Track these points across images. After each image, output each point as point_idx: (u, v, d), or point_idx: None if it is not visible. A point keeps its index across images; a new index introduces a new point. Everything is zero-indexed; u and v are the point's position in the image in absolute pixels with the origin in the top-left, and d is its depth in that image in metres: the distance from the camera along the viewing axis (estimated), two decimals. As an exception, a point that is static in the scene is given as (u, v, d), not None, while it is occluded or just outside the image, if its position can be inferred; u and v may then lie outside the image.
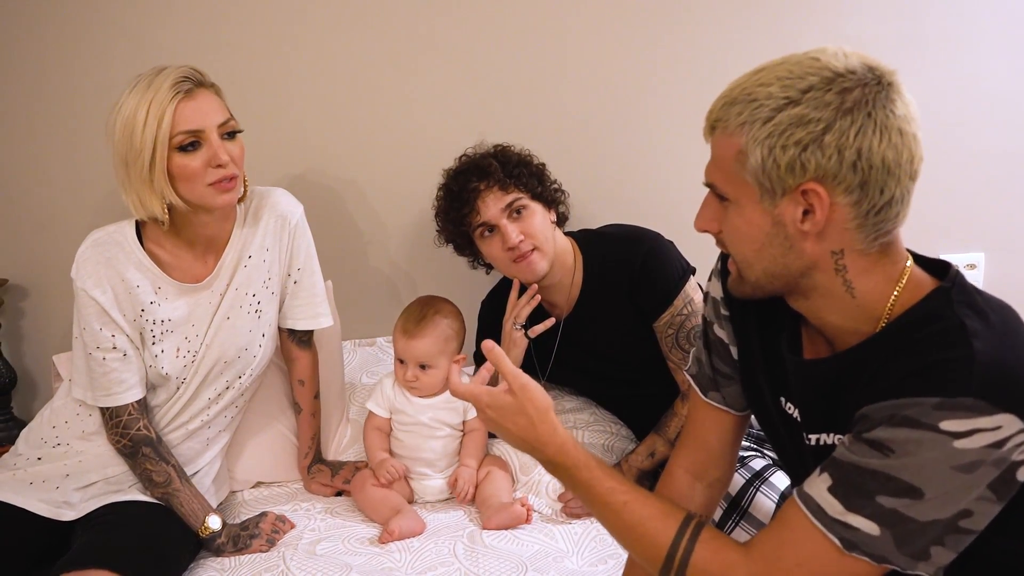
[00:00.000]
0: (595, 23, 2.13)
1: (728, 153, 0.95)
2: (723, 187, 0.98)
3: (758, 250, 0.98)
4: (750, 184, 0.94)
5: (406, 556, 1.57)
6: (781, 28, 2.10)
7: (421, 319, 1.76)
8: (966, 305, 0.93)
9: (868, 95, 0.90)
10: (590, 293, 1.82)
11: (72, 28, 2.09)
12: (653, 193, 2.19)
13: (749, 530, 1.54)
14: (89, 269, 1.55)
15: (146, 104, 1.45)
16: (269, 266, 1.68)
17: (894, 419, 0.88)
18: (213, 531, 1.60)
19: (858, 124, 0.89)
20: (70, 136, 2.14)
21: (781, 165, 0.91)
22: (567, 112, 2.17)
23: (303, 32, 2.12)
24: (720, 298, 1.18)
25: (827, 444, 1.01)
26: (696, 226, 1.04)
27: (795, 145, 0.90)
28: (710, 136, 0.99)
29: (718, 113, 0.97)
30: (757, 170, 0.93)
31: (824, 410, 1.01)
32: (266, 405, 1.88)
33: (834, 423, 1.00)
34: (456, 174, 1.80)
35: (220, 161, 1.49)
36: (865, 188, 0.91)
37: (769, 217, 0.95)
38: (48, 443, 1.64)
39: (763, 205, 0.95)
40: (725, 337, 1.19)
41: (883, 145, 0.90)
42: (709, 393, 1.24)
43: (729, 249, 1.03)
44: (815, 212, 0.92)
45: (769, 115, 0.91)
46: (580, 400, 2.00)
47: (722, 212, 1.00)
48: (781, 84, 0.91)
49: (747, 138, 0.92)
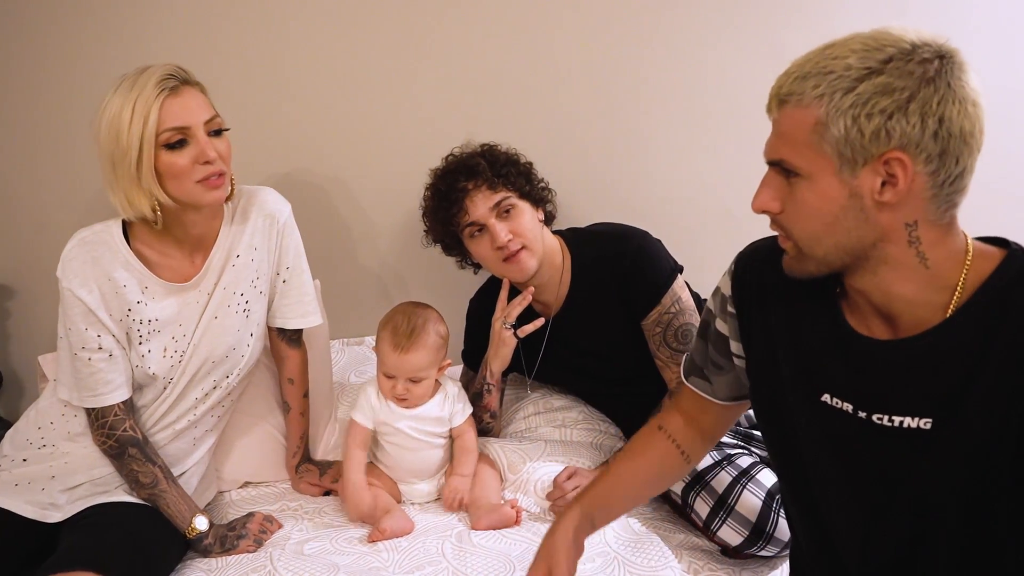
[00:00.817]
0: (583, 22, 2.13)
1: (803, 125, 0.95)
2: (795, 161, 0.97)
3: (830, 224, 0.98)
4: (828, 156, 0.94)
5: (394, 556, 1.56)
6: (769, 27, 2.10)
7: (411, 332, 1.70)
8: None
9: (946, 66, 0.92)
10: (578, 291, 1.83)
11: (63, 29, 2.08)
12: (641, 192, 2.20)
13: (736, 528, 1.55)
14: (75, 268, 1.54)
15: (131, 103, 1.44)
16: (257, 265, 1.67)
17: None
18: (200, 532, 1.60)
19: (940, 93, 0.91)
20: (59, 137, 2.13)
21: (866, 134, 0.92)
22: (554, 111, 2.17)
23: (292, 31, 2.12)
24: (729, 296, 1.20)
25: (911, 427, 0.99)
26: (755, 206, 1.03)
27: (880, 113, 0.91)
28: (778, 111, 0.98)
29: (790, 87, 0.96)
30: (839, 140, 0.93)
31: (905, 392, 1.00)
32: (254, 405, 1.87)
33: (921, 405, 0.99)
34: (444, 174, 1.80)
35: (208, 157, 1.48)
36: (944, 158, 0.93)
37: (847, 189, 0.95)
38: (34, 444, 1.63)
39: (841, 176, 0.95)
40: (727, 332, 1.21)
41: (961, 115, 0.92)
42: (691, 378, 1.29)
43: (791, 227, 1.02)
44: (897, 181, 0.93)
45: (851, 85, 0.92)
46: (568, 398, 2.01)
47: (786, 190, 1.00)
48: (859, 56, 0.93)
49: (827, 108, 0.93)
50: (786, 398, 1.12)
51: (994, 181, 2.17)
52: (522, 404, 2.03)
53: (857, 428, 1.04)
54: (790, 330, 1.11)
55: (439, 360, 1.74)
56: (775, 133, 1.00)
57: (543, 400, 2.01)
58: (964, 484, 0.98)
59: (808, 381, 1.09)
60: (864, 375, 1.04)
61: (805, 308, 1.10)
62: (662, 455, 1.30)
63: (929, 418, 0.98)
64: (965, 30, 2.11)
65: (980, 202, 2.15)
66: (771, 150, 1.00)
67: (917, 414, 0.99)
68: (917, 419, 0.99)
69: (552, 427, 1.94)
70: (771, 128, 1.01)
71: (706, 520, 1.61)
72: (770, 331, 1.14)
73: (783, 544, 1.55)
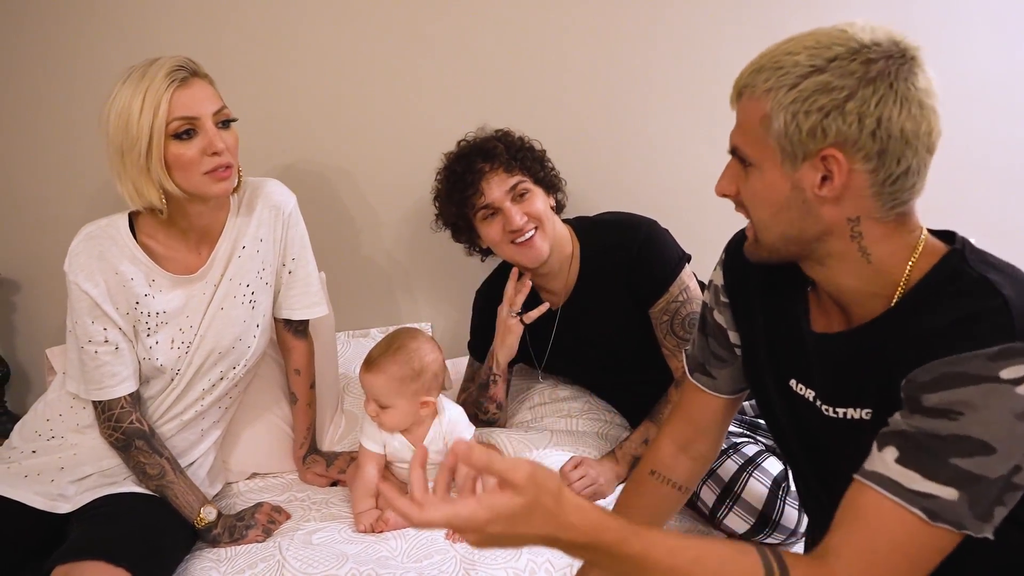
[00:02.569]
0: (592, 13, 2.13)
1: (753, 118, 0.98)
2: (746, 151, 1.00)
3: (776, 213, 1.00)
4: (773, 148, 0.97)
5: (401, 544, 1.57)
6: (773, 19, 2.10)
7: (383, 352, 1.62)
8: (980, 262, 0.96)
9: (891, 67, 0.92)
10: (587, 280, 1.83)
11: (67, 25, 2.08)
12: (648, 181, 2.20)
13: (743, 515, 1.55)
14: (81, 262, 1.55)
15: (141, 93, 1.45)
16: (263, 257, 1.68)
17: (948, 379, 0.88)
18: (209, 522, 1.60)
19: (880, 94, 0.92)
20: (64, 130, 2.13)
21: (803, 130, 0.93)
22: (561, 102, 2.17)
23: (297, 22, 2.12)
24: (721, 285, 1.22)
25: (854, 419, 1.01)
26: (717, 190, 1.07)
27: (818, 111, 0.92)
28: (736, 102, 1.01)
29: (746, 79, 0.99)
30: (780, 134, 0.95)
31: (849, 383, 1.02)
32: (261, 396, 1.88)
33: (862, 396, 1.00)
34: (459, 156, 1.80)
35: (216, 148, 1.49)
36: (883, 157, 0.93)
37: (789, 181, 0.97)
38: (42, 436, 1.64)
39: (784, 169, 0.97)
40: (724, 322, 1.22)
41: (903, 116, 0.92)
42: (695, 374, 1.29)
43: (748, 212, 1.05)
44: (833, 178, 0.95)
45: (795, 82, 0.93)
46: (574, 389, 2.01)
47: (743, 177, 1.02)
48: (808, 53, 0.94)
49: (772, 103, 0.95)
50: (766, 380, 1.15)
51: (985, 168, 2.19)
52: (528, 395, 2.03)
53: (815, 415, 1.07)
54: (765, 315, 1.14)
55: (408, 392, 1.61)
56: (737, 122, 1.02)
57: (549, 390, 2.02)
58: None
59: (779, 366, 1.12)
60: (816, 367, 1.06)
61: (778, 295, 1.12)
62: (658, 501, 1.31)
63: (869, 409, 1.00)
64: (972, 21, 2.12)
65: (970, 189, 2.19)
66: (731, 137, 1.03)
67: (859, 405, 1.01)
68: (859, 410, 1.01)
69: (558, 417, 1.95)
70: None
71: (712, 508, 1.61)
72: (754, 315, 1.16)
73: (789, 531, 1.55)
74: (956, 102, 2.10)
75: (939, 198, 2.13)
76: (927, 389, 0.89)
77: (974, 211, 2.22)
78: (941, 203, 2.15)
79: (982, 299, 0.90)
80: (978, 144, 2.18)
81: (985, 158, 2.19)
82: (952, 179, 2.18)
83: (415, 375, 1.61)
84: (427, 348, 1.65)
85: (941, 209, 2.16)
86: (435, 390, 1.65)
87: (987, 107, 2.16)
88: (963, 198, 2.21)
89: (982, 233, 2.17)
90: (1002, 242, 2.19)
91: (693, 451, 1.30)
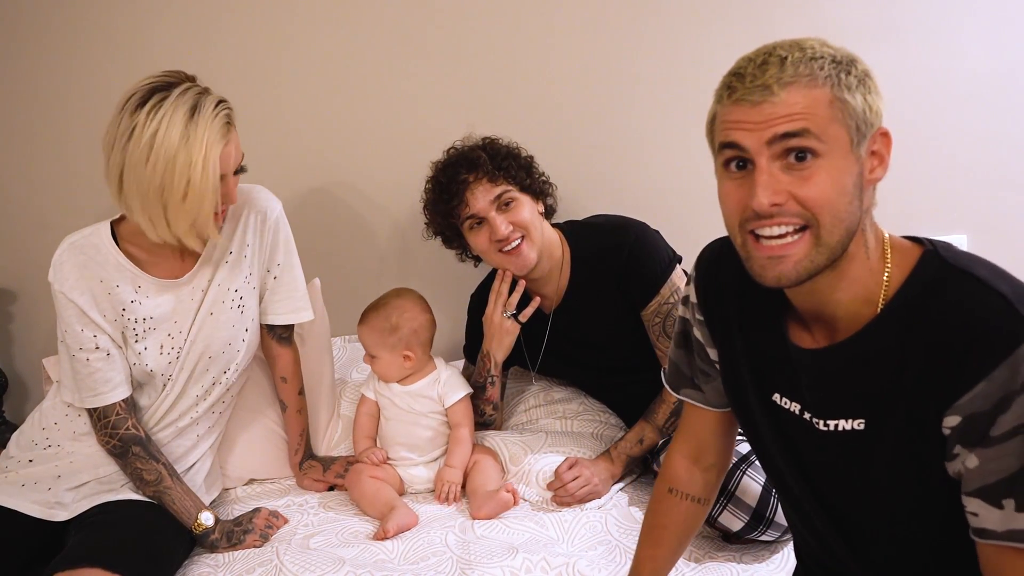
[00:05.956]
0: (582, 16, 2.14)
1: (819, 104, 0.92)
2: (812, 143, 0.92)
3: (848, 203, 0.94)
4: (841, 133, 0.93)
5: (399, 547, 1.58)
6: (762, 18, 2.11)
7: (373, 306, 1.83)
8: (960, 259, 0.94)
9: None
10: (578, 284, 1.84)
11: (62, 31, 2.09)
12: (638, 183, 2.20)
13: (737, 513, 1.56)
14: (66, 272, 1.56)
15: (201, 145, 1.44)
16: (250, 262, 1.69)
17: (1012, 397, 0.85)
18: (206, 527, 1.61)
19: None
20: (59, 140, 2.14)
21: (872, 108, 0.94)
22: (554, 104, 2.18)
23: (290, 27, 2.13)
24: (695, 302, 1.19)
25: (847, 430, 1.00)
26: (767, 200, 0.93)
27: (874, 92, 0.94)
28: (771, 97, 0.92)
29: (785, 74, 0.92)
30: (858, 115, 0.93)
31: (840, 395, 1.00)
32: (257, 402, 1.89)
33: (854, 407, 0.99)
34: (444, 166, 1.81)
35: (232, 201, 1.55)
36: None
37: (857, 165, 0.94)
38: (39, 445, 1.65)
39: (855, 152, 0.94)
40: (702, 339, 1.20)
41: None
42: (684, 390, 1.26)
43: (810, 216, 0.93)
44: (884, 157, 0.95)
45: (847, 67, 0.93)
46: (569, 390, 2.02)
47: (788, 180, 0.93)
48: (822, 44, 0.95)
49: (841, 86, 0.92)
50: (748, 397, 1.12)
51: (980, 162, 2.20)
52: (523, 397, 2.04)
53: (803, 429, 1.05)
54: (743, 328, 1.11)
55: (389, 344, 1.79)
56: (780, 119, 0.92)
57: (544, 392, 2.03)
58: (900, 484, 0.98)
59: (761, 380, 1.09)
60: (804, 380, 1.04)
61: (756, 308, 1.09)
62: (684, 518, 1.30)
63: (862, 419, 0.98)
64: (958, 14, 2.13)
65: (966, 185, 2.20)
66: (777, 140, 0.93)
67: (851, 415, 1.00)
68: (851, 420, 1.00)
69: (553, 419, 1.96)
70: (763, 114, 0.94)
71: (707, 507, 1.61)
72: (730, 329, 1.13)
73: (783, 528, 1.56)
74: (949, 101, 2.15)
75: (935, 199, 2.18)
76: (990, 418, 0.87)
77: (970, 211, 2.23)
78: (937, 204, 2.19)
79: (982, 300, 0.89)
80: (973, 143, 2.19)
81: (979, 158, 2.20)
82: (950, 179, 2.20)
83: (392, 329, 1.78)
84: (408, 306, 1.81)
85: (936, 210, 2.21)
86: (417, 346, 1.80)
87: (980, 106, 2.17)
88: (958, 198, 2.22)
89: (977, 233, 2.21)
90: (999, 242, 2.22)
91: (704, 463, 1.27)
